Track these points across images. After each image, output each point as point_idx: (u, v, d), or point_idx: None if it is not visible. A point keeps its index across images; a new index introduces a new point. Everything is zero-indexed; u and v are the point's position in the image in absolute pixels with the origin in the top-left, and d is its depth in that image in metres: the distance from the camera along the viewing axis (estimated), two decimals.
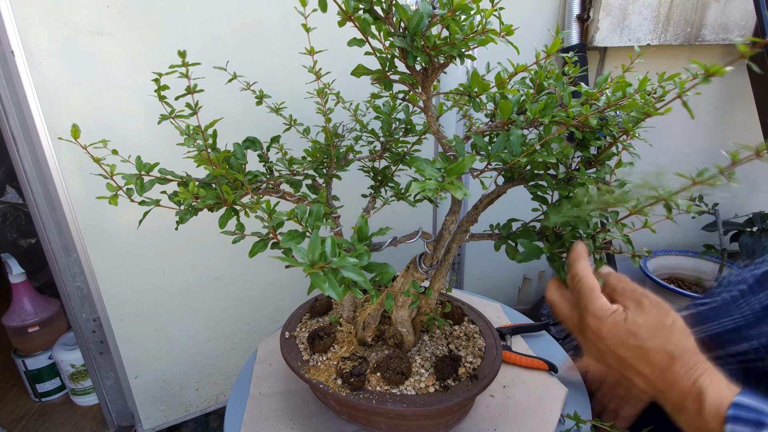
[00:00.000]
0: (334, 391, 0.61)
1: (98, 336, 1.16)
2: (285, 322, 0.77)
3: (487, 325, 0.75)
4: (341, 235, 0.70)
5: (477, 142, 0.50)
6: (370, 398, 0.59)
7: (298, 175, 0.65)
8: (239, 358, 1.34)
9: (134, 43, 0.96)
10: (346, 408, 0.64)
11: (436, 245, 0.61)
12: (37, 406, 1.45)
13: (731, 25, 1.38)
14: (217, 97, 1.05)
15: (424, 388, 0.61)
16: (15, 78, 0.89)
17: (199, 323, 1.25)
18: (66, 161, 0.98)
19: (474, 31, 0.43)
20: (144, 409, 1.27)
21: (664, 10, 1.33)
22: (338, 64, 0.73)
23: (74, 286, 1.09)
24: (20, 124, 0.94)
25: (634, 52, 0.53)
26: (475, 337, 0.73)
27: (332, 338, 0.70)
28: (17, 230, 1.79)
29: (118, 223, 1.06)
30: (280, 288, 1.31)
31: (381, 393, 0.60)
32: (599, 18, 1.29)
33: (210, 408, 1.38)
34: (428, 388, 0.62)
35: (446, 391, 0.60)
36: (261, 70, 1.07)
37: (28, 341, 1.40)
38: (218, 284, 1.22)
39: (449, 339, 0.73)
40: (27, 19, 0.87)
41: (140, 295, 1.14)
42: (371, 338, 0.71)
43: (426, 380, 0.63)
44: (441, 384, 0.62)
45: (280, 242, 0.43)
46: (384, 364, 0.63)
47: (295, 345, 0.70)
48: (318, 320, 0.77)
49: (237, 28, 1.02)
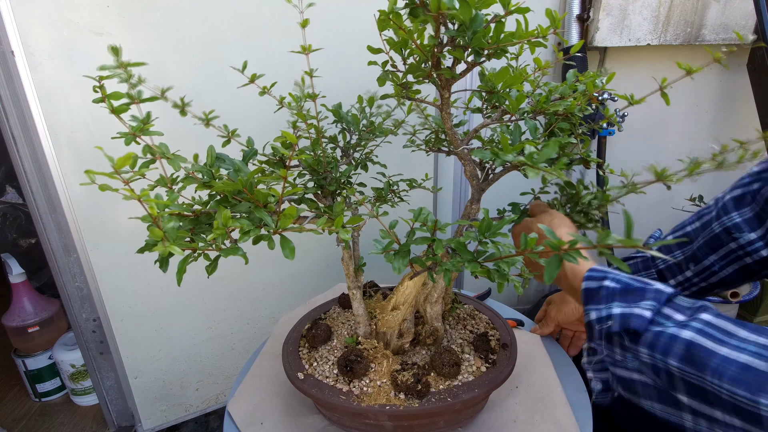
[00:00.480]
0: (404, 407, 0.58)
1: (98, 336, 1.16)
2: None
3: (475, 301, 0.81)
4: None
5: (529, 126, 0.57)
6: (443, 398, 0.59)
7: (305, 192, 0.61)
8: (239, 358, 1.34)
9: (134, 43, 0.96)
10: (407, 420, 0.60)
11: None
12: (37, 406, 1.45)
13: (731, 25, 1.38)
14: (218, 96, 1.05)
15: (477, 371, 0.64)
16: (15, 78, 0.89)
17: (199, 323, 1.25)
18: (66, 161, 0.98)
19: (525, 32, 0.47)
20: (144, 409, 1.27)
21: (664, 10, 1.33)
22: (330, 66, 0.73)
23: (74, 286, 1.09)
24: (20, 124, 0.94)
25: (635, 52, 0.57)
26: (476, 314, 0.79)
27: (366, 359, 0.65)
28: (17, 230, 1.79)
29: (118, 223, 1.06)
30: (280, 288, 1.31)
31: (447, 389, 0.61)
32: (599, 18, 1.29)
33: (210, 408, 1.38)
34: (480, 368, 0.65)
35: (495, 366, 0.65)
36: (261, 70, 1.06)
37: (28, 341, 1.40)
38: (218, 284, 1.22)
39: (462, 322, 0.77)
40: (27, 19, 0.87)
41: (140, 295, 1.14)
42: (408, 344, 0.69)
43: (474, 362, 0.66)
44: (487, 360, 0.66)
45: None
46: (437, 362, 0.63)
47: (319, 382, 0.63)
48: (322, 348, 0.70)
49: (237, 28, 1.02)
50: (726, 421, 0.43)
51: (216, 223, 0.41)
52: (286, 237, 0.44)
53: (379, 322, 0.67)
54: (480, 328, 0.75)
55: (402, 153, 0.78)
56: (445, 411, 0.59)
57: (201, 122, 0.58)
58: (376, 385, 0.62)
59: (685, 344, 0.45)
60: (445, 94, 0.54)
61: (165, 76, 1.00)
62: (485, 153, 0.48)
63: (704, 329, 0.46)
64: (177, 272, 0.42)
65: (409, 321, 0.67)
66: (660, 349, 0.47)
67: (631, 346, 0.50)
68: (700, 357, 0.44)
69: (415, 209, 0.50)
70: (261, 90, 0.63)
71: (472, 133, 0.62)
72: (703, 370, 0.43)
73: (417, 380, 0.60)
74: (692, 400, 0.46)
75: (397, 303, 0.66)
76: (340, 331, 0.74)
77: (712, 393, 0.43)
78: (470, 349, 0.69)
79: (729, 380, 0.42)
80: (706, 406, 0.45)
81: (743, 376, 0.41)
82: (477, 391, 0.60)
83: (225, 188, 0.44)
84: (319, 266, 1.32)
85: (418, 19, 0.44)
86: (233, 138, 0.61)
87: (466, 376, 0.63)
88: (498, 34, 0.46)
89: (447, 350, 0.64)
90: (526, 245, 0.40)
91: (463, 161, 0.62)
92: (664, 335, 0.47)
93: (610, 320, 0.50)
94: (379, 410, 0.58)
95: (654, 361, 0.48)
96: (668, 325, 0.47)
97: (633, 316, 0.48)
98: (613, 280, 0.53)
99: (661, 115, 1.52)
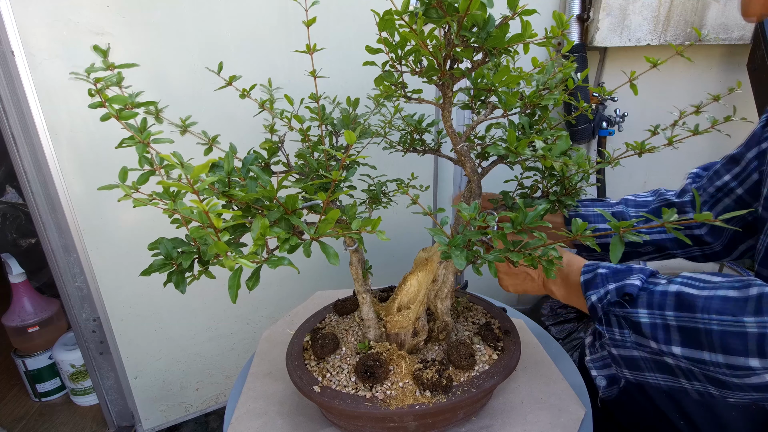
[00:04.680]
0: (433, 404, 0.58)
1: (98, 336, 1.16)
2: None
3: (467, 291, 0.83)
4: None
5: (522, 122, 0.60)
6: (467, 389, 0.60)
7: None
8: (239, 358, 1.34)
9: (134, 43, 0.96)
10: (431, 417, 0.61)
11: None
12: (37, 406, 1.45)
13: (731, 25, 1.38)
14: (218, 96, 1.05)
15: (489, 359, 0.66)
16: (15, 78, 0.89)
17: (199, 323, 1.25)
18: (66, 161, 0.98)
19: (533, 33, 0.48)
20: (144, 409, 1.27)
21: (664, 10, 1.33)
22: (330, 66, 0.73)
23: (74, 286, 1.09)
24: (20, 124, 0.94)
25: (635, 52, 0.59)
26: (472, 305, 0.81)
27: (385, 362, 0.64)
28: (17, 230, 1.79)
29: (118, 223, 1.06)
30: (280, 288, 1.31)
31: (468, 381, 0.62)
32: (599, 18, 1.29)
33: (210, 408, 1.38)
34: (492, 356, 0.67)
35: (504, 352, 0.67)
36: (261, 70, 1.07)
37: (28, 341, 1.40)
38: (218, 284, 1.21)
39: (463, 315, 0.78)
40: (27, 19, 0.87)
41: (140, 295, 1.14)
42: (422, 341, 0.69)
43: (486, 351, 0.68)
44: (496, 348, 0.68)
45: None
46: (453, 355, 0.64)
47: (339, 393, 0.61)
48: (332, 358, 0.68)
49: (237, 28, 1.02)
50: (712, 360, 0.52)
51: (257, 233, 0.39)
52: (325, 243, 0.44)
53: (388, 324, 0.66)
54: (481, 319, 0.77)
55: (401, 153, 0.78)
56: (468, 402, 0.61)
57: (177, 129, 0.58)
58: (399, 386, 0.61)
59: (674, 295, 0.55)
60: (448, 93, 0.55)
61: (164, 77, 1.00)
62: (499, 149, 0.50)
63: (686, 281, 0.56)
64: (230, 288, 0.40)
65: (422, 318, 0.68)
66: (656, 305, 0.56)
67: (629, 314, 0.58)
68: (688, 301, 0.53)
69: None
70: (241, 93, 0.63)
71: (469, 130, 0.62)
72: (693, 311, 0.52)
73: (440, 375, 0.60)
74: (684, 349, 0.54)
75: (403, 303, 0.65)
76: (347, 339, 0.72)
77: (703, 332, 0.52)
78: (479, 339, 0.71)
79: (716, 311, 0.51)
80: (696, 350, 0.53)
81: (725, 305, 0.51)
82: (496, 378, 0.62)
83: (248, 198, 0.42)
84: (319, 266, 1.32)
85: (430, 20, 0.45)
86: (214, 145, 0.61)
87: (481, 365, 0.65)
88: (504, 34, 0.47)
89: (461, 343, 0.66)
90: (577, 230, 0.44)
91: (462, 158, 0.62)
92: (656, 293, 0.56)
93: (608, 295, 0.59)
94: (408, 411, 0.58)
95: (653, 319, 0.56)
96: (656, 287, 0.57)
97: (626, 286, 0.58)
98: (604, 268, 0.63)
99: (662, 115, 1.53)
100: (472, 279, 1.53)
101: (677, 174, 1.62)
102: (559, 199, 0.69)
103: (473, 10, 0.41)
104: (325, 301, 0.89)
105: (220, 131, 0.66)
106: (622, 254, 0.42)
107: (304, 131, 0.62)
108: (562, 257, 0.64)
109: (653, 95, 1.52)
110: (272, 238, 0.41)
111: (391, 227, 1.35)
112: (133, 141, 0.44)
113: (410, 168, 0.95)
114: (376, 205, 0.74)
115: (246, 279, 0.43)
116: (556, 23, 0.50)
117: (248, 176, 0.46)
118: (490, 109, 0.63)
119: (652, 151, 0.58)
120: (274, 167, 0.67)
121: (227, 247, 0.36)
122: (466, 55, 0.48)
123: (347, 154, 0.41)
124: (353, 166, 0.64)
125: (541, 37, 0.50)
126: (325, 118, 0.65)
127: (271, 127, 0.66)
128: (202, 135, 0.62)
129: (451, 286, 0.69)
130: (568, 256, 0.70)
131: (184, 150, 0.46)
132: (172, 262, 0.44)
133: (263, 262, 0.41)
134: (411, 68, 0.55)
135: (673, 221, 0.40)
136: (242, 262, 0.35)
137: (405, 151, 0.76)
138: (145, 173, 0.46)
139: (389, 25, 0.49)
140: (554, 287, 0.69)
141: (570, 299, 0.68)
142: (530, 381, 0.73)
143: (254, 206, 0.44)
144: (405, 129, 0.74)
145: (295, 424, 0.68)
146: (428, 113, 0.81)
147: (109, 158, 0.95)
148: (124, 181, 0.44)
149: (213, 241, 0.35)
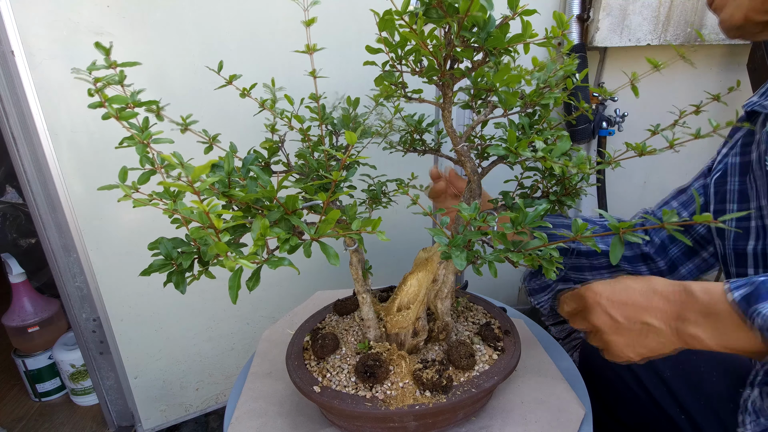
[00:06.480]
0: (433, 404, 0.58)
1: (98, 336, 1.16)
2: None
3: (467, 291, 0.83)
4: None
5: (522, 122, 0.60)
6: (467, 389, 0.60)
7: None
8: (239, 358, 1.34)
9: (134, 43, 0.96)
10: (431, 417, 0.61)
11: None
12: (37, 406, 1.45)
13: None
14: (218, 97, 1.05)
15: (489, 359, 0.66)
16: (15, 78, 0.89)
17: (199, 323, 1.25)
18: (66, 161, 0.98)
19: (534, 33, 0.48)
20: (144, 409, 1.27)
21: (664, 10, 1.33)
22: (330, 66, 0.73)
23: (74, 286, 1.09)
24: (20, 124, 0.94)
25: (635, 52, 0.60)
26: (471, 305, 0.81)
27: (385, 362, 0.64)
28: (17, 230, 1.79)
29: (118, 223, 1.06)
30: (279, 288, 1.31)
31: (468, 381, 0.62)
32: (599, 18, 1.29)
33: (210, 408, 1.38)
34: (492, 356, 0.67)
35: (504, 352, 0.67)
36: (261, 70, 1.07)
37: (28, 341, 1.40)
38: (218, 284, 1.21)
39: (462, 315, 0.78)
40: (27, 19, 0.87)
41: (140, 295, 1.14)
42: (422, 341, 0.69)
43: (486, 351, 0.68)
44: (496, 348, 0.68)
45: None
46: (453, 356, 0.64)
47: (339, 392, 0.61)
48: (332, 358, 0.68)
49: (237, 28, 1.02)
50: None
51: (258, 234, 0.38)
52: (325, 243, 0.44)
53: (388, 324, 0.66)
54: (481, 319, 0.77)
55: (401, 153, 0.78)
56: (468, 402, 0.60)
57: (178, 127, 0.57)
58: (399, 386, 0.61)
59: None
60: (448, 93, 0.55)
61: (164, 77, 1.00)
62: (499, 149, 0.50)
63: None
64: (230, 288, 0.40)
65: (422, 319, 0.68)
66: None
67: None
68: None
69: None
70: (241, 92, 0.63)
71: (469, 130, 0.62)
72: None
73: (440, 375, 0.60)
74: None
75: (403, 303, 0.65)
76: (347, 339, 0.72)
77: None
78: (479, 339, 0.71)
79: None
80: None
81: None
82: (496, 378, 0.62)
83: (248, 198, 0.42)
84: (319, 266, 1.32)
85: (431, 20, 0.45)
86: (214, 144, 0.61)
87: (481, 365, 0.65)
88: (504, 34, 0.47)
89: (461, 343, 0.66)
90: (577, 231, 0.45)
91: (463, 158, 0.62)
92: None
93: None
94: (408, 411, 0.58)
95: None
96: None
97: None
98: (759, 277, 0.47)
99: (662, 115, 1.52)
100: (472, 279, 1.53)
101: (677, 174, 1.62)
102: (559, 199, 0.69)
103: (473, 11, 0.41)
104: (325, 301, 0.89)
105: (220, 130, 0.66)
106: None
107: (304, 131, 0.62)
108: (676, 288, 0.52)
109: (653, 95, 1.52)
110: (272, 238, 0.41)
111: (391, 227, 1.35)
112: (133, 141, 0.44)
113: (410, 168, 0.95)
114: (376, 205, 0.74)
115: (246, 279, 0.43)
116: (557, 23, 0.50)
117: (248, 176, 0.45)
118: (491, 109, 0.63)
119: (653, 153, 0.57)
120: (274, 167, 0.67)
121: (227, 248, 0.36)
122: (467, 56, 0.48)
123: (347, 154, 0.41)
124: (353, 166, 0.64)
125: (542, 38, 0.50)
126: (325, 118, 0.65)
127: (272, 126, 0.66)
128: (202, 134, 0.62)
129: (451, 286, 0.69)
130: (682, 284, 0.53)
131: (184, 149, 0.46)
132: (172, 262, 0.44)
133: (263, 263, 0.41)
134: (411, 68, 0.55)
135: (674, 222, 0.40)
136: (242, 263, 0.36)
137: (405, 151, 0.76)
138: (146, 173, 0.46)
139: (389, 25, 0.49)
140: (695, 328, 0.50)
141: (723, 336, 0.49)
142: (530, 381, 0.73)
143: (254, 206, 0.44)
144: (405, 129, 0.74)
145: (295, 424, 0.68)
146: (428, 113, 0.81)
147: (109, 158, 0.95)
148: (124, 181, 0.44)
149: (213, 242, 0.36)
